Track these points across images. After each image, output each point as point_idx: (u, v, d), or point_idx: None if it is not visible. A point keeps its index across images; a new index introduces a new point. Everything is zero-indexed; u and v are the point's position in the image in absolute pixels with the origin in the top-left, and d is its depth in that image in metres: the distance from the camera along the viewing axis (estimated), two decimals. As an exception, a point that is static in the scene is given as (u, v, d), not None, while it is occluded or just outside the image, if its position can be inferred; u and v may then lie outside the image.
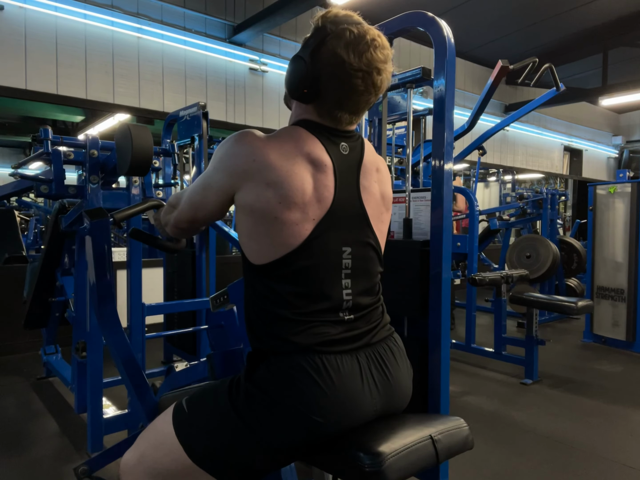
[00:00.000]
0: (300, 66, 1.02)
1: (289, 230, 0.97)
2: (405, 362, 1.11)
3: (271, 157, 0.97)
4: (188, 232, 1.22)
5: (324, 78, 1.00)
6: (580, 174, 10.96)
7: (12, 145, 11.56)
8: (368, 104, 1.06)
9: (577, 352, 4.18)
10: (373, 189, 1.10)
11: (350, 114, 1.05)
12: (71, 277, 2.65)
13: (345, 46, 0.98)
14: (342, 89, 1.01)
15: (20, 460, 2.20)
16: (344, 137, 1.07)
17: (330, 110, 1.04)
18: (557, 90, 3.91)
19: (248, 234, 1.01)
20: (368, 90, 1.01)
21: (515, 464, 2.23)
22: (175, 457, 0.98)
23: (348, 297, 1.03)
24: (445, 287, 1.64)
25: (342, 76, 0.99)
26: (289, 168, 0.97)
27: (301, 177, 0.98)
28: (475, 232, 3.71)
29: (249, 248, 1.02)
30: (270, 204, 0.96)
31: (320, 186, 1.00)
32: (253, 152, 0.97)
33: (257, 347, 1.04)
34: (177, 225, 1.19)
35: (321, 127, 1.05)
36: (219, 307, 1.53)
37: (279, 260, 0.98)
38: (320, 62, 1.00)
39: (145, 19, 4.94)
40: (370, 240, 1.08)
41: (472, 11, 6.52)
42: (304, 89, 1.02)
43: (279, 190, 0.96)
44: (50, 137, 2.18)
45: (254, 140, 0.99)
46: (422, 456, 0.96)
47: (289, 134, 1.03)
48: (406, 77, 1.79)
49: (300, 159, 0.99)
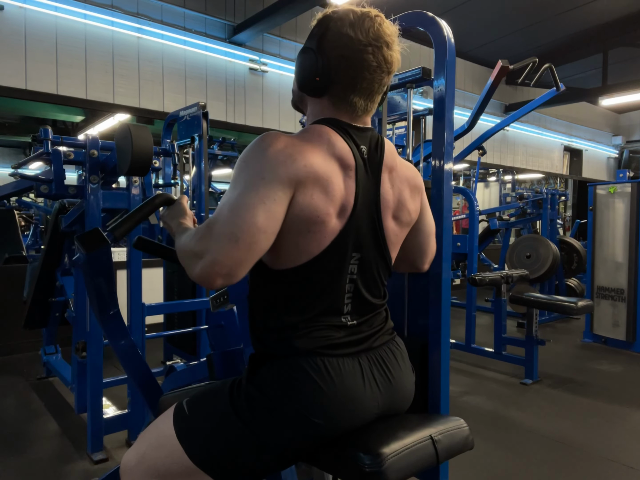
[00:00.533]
0: (309, 55, 0.99)
1: (320, 239, 0.95)
2: (407, 364, 1.11)
3: (316, 161, 0.92)
4: (239, 275, 0.87)
5: (333, 62, 0.97)
6: (580, 174, 10.96)
7: (12, 145, 11.56)
8: (382, 85, 1.02)
9: (577, 352, 4.19)
10: (387, 196, 1.06)
11: (366, 98, 1.00)
12: (71, 277, 2.65)
13: (351, 25, 0.96)
14: (354, 69, 0.97)
15: (20, 460, 2.20)
16: (363, 137, 1.03)
17: (345, 96, 0.99)
18: (557, 90, 3.90)
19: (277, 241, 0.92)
20: (380, 66, 0.98)
21: (515, 464, 2.23)
22: (176, 458, 0.98)
23: (348, 300, 1.03)
24: (445, 287, 1.63)
25: (351, 55, 0.96)
26: (330, 173, 0.94)
27: (337, 181, 0.95)
28: (475, 232, 3.71)
29: (272, 254, 0.96)
30: (320, 210, 0.92)
31: (349, 192, 0.97)
32: (302, 157, 0.91)
33: (259, 349, 1.03)
34: (222, 270, 0.85)
35: (344, 125, 1.01)
36: (219, 307, 1.53)
37: (299, 267, 0.97)
38: (328, 47, 0.98)
39: (145, 19, 4.94)
40: (381, 247, 1.06)
41: (472, 11, 6.52)
42: (315, 78, 0.98)
43: (327, 194, 0.93)
44: (50, 137, 2.18)
45: (292, 145, 0.92)
46: (422, 456, 0.96)
47: (319, 134, 0.97)
48: (406, 77, 1.79)
49: (333, 160, 0.96)
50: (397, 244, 1.12)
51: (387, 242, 1.07)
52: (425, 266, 1.26)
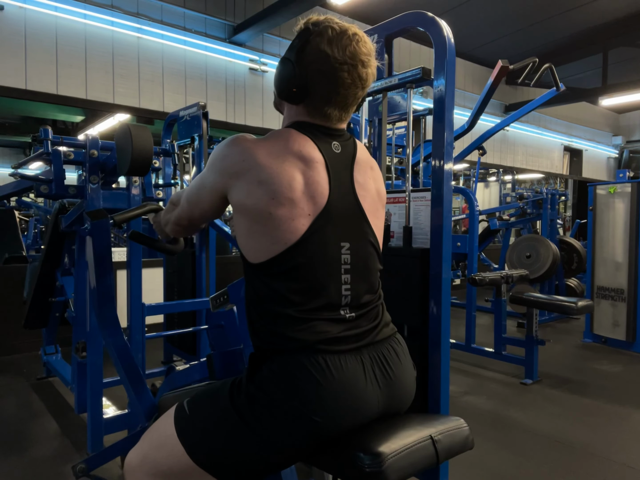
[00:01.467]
0: (288, 67, 1.05)
1: (284, 226, 0.98)
2: (409, 362, 1.12)
3: (260, 157, 0.99)
4: (187, 230, 1.27)
5: (311, 75, 1.03)
6: (580, 174, 10.96)
7: (12, 145, 11.56)
8: (356, 99, 1.07)
9: (577, 352, 4.18)
10: (369, 186, 1.12)
11: (340, 109, 1.06)
12: (71, 277, 2.65)
13: (329, 42, 1.01)
14: (329, 84, 1.03)
15: (20, 460, 2.20)
16: (335, 136, 1.09)
17: (320, 107, 1.05)
18: (557, 90, 3.91)
19: (246, 233, 1.02)
20: (355, 83, 1.03)
21: (515, 464, 2.22)
22: (177, 458, 0.99)
23: (347, 292, 1.03)
24: (446, 287, 1.64)
25: (328, 71, 1.01)
26: (278, 166, 0.99)
27: (290, 173, 0.99)
28: (475, 232, 3.71)
29: (247, 247, 1.03)
30: (262, 201, 0.98)
31: (312, 182, 1.01)
32: (242, 153, 1.01)
33: (259, 346, 1.04)
34: (178, 222, 1.24)
35: (312, 126, 1.07)
36: (219, 307, 1.53)
37: (277, 257, 0.99)
38: (306, 60, 1.03)
39: (145, 19, 4.95)
40: (369, 236, 1.09)
41: (472, 11, 6.52)
42: (292, 89, 1.04)
43: (269, 187, 0.98)
44: (50, 137, 2.18)
45: (243, 142, 1.02)
46: (422, 456, 0.96)
47: (280, 135, 1.05)
48: (406, 77, 1.79)
49: (289, 156, 1.01)
50: (380, 228, 1.16)
51: (373, 228, 1.11)
52: None
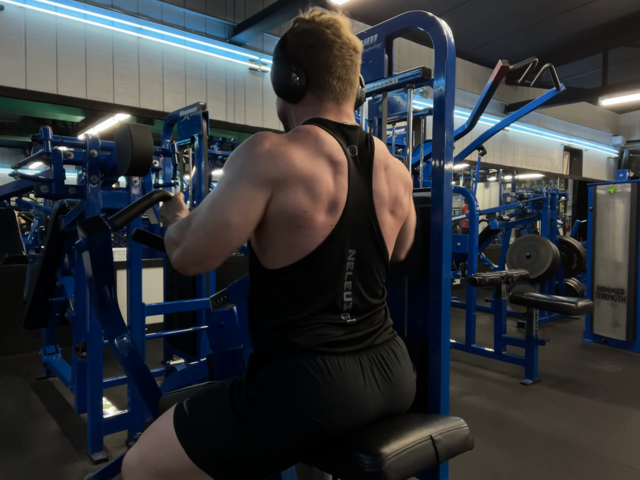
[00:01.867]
0: (279, 62, 1.06)
1: (308, 237, 0.96)
2: (408, 364, 1.11)
3: (299, 160, 0.94)
4: (209, 266, 0.96)
5: (303, 54, 1.04)
6: (580, 174, 10.96)
7: (12, 145, 11.56)
8: (353, 63, 1.06)
9: (577, 352, 4.18)
10: (385, 191, 1.09)
11: (343, 80, 1.05)
12: (71, 277, 2.65)
13: (304, 22, 1.05)
14: (323, 51, 1.03)
15: (20, 460, 2.20)
16: (352, 137, 1.06)
17: (324, 81, 1.04)
18: (557, 90, 3.91)
19: (268, 239, 0.97)
20: (345, 43, 1.03)
21: (515, 464, 2.23)
22: (177, 458, 0.98)
23: (348, 298, 1.03)
24: (446, 287, 1.63)
25: (316, 41, 1.03)
26: (315, 170, 0.95)
27: (326, 178, 0.97)
28: (475, 232, 3.71)
29: (266, 253, 0.99)
30: (304, 207, 0.94)
31: (339, 188, 0.99)
32: (281, 156, 0.93)
33: (259, 348, 1.04)
34: (193, 259, 0.95)
35: (333, 124, 1.04)
36: (219, 307, 1.53)
37: (295, 264, 0.97)
38: (293, 47, 1.05)
39: (145, 19, 4.95)
40: (378, 245, 1.08)
41: (472, 11, 6.52)
42: (292, 74, 1.03)
43: (311, 192, 0.94)
44: (50, 137, 2.18)
45: (278, 144, 0.95)
46: (422, 456, 0.96)
47: (308, 133, 1.00)
48: (406, 77, 1.79)
49: (322, 159, 0.97)
50: (393, 238, 1.14)
51: (383, 237, 1.08)
52: (402, 257, 1.34)
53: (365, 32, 1.82)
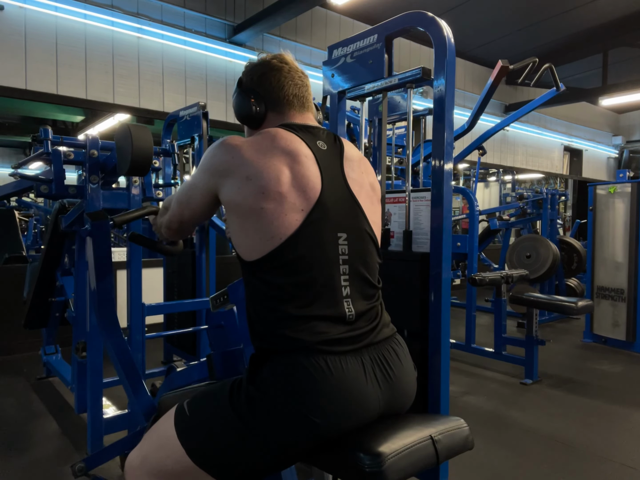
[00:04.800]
0: (238, 95, 1.20)
1: (277, 221, 1.00)
2: (409, 363, 1.11)
3: (247, 154, 1.04)
4: (178, 233, 1.29)
5: (255, 83, 1.18)
6: (580, 174, 10.96)
7: (12, 145, 11.56)
8: (304, 84, 1.20)
9: (577, 352, 4.18)
10: (362, 180, 1.15)
11: (297, 92, 1.18)
12: (71, 277, 2.65)
13: (253, 62, 1.22)
14: (273, 76, 1.16)
15: (20, 460, 2.20)
16: (318, 135, 1.14)
17: (282, 98, 1.16)
18: (557, 90, 3.91)
19: (239, 231, 1.04)
20: (290, 67, 1.18)
21: (515, 464, 2.23)
22: (178, 459, 0.99)
23: (345, 282, 1.03)
24: (445, 287, 1.64)
25: (266, 70, 1.17)
26: (265, 161, 1.03)
27: (277, 168, 1.03)
28: (475, 232, 3.71)
29: (242, 245, 1.05)
30: (252, 197, 1.01)
31: (301, 176, 1.04)
32: (230, 151, 1.05)
33: (259, 346, 1.04)
34: (169, 225, 1.26)
35: (295, 125, 1.13)
36: (219, 307, 1.53)
37: (272, 252, 0.99)
38: (247, 80, 1.20)
39: (145, 19, 4.95)
40: (366, 228, 1.10)
41: (472, 11, 6.52)
42: (251, 100, 1.16)
43: (258, 182, 1.01)
44: (50, 137, 2.18)
45: (231, 142, 1.07)
46: (422, 456, 0.96)
47: (267, 133, 1.10)
48: (406, 77, 1.79)
49: (276, 152, 1.05)
50: (377, 223, 1.17)
51: (369, 221, 1.12)
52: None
53: (365, 32, 1.83)
